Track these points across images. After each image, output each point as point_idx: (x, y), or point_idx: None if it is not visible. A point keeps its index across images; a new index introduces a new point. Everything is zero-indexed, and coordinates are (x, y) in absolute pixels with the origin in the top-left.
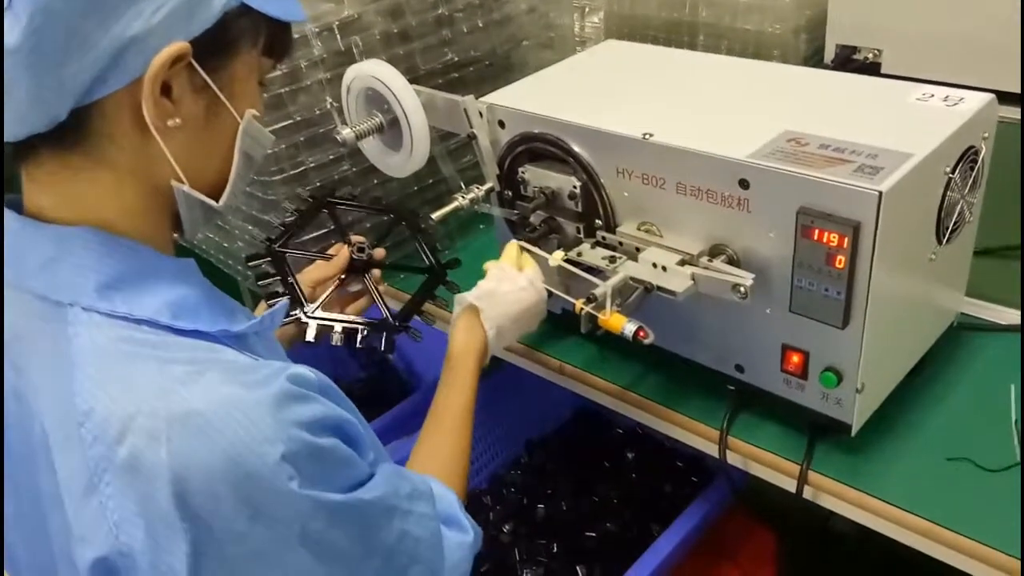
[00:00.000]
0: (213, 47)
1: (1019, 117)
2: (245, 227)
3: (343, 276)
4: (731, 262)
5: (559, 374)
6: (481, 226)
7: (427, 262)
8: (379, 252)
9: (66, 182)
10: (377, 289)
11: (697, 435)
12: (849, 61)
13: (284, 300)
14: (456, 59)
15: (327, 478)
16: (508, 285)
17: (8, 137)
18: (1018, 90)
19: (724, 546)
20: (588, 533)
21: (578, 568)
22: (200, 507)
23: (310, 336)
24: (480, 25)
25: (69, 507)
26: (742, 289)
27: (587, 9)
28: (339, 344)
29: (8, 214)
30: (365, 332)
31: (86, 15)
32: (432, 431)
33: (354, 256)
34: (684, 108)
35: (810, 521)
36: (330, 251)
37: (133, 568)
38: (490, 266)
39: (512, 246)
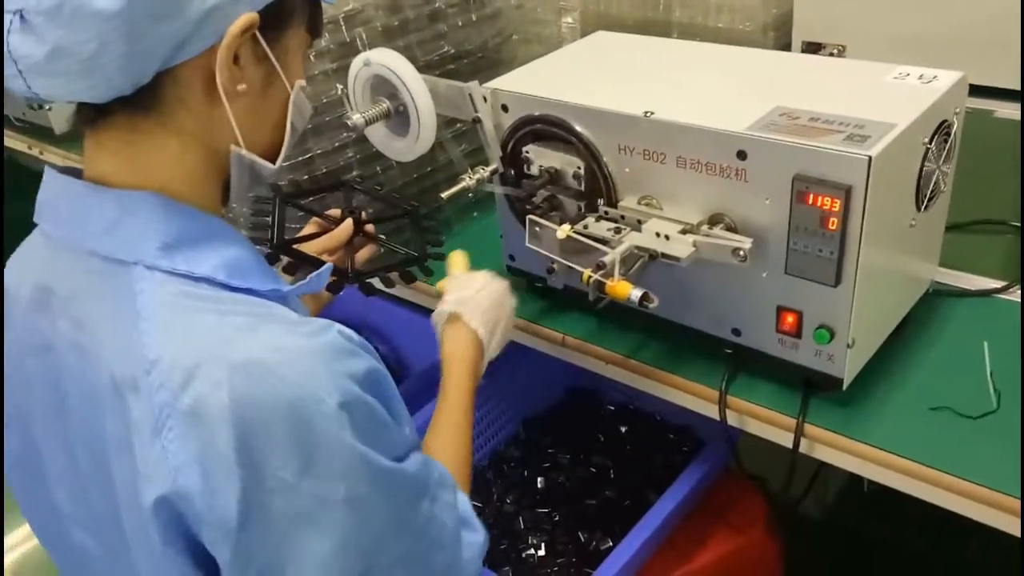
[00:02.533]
0: (273, 20)
1: (980, 107)
2: (249, 215)
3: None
4: (729, 230)
5: (561, 346)
6: (475, 214)
7: (403, 208)
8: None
9: (135, 146)
10: (379, 236)
11: (697, 396)
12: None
13: (328, 264)
14: (451, 51)
15: (375, 438)
16: (471, 287)
17: (94, 99)
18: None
19: (719, 508)
20: (588, 501)
21: (580, 534)
22: (257, 451)
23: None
24: (473, 19)
25: (138, 449)
26: (742, 252)
27: (562, 9)
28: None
29: (70, 180)
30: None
31: None
32: (434, 437)
33: (352, 217)
34: (679, 89)
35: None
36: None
37: (191, 509)
38: (443, 281)
39: (457, 254)
